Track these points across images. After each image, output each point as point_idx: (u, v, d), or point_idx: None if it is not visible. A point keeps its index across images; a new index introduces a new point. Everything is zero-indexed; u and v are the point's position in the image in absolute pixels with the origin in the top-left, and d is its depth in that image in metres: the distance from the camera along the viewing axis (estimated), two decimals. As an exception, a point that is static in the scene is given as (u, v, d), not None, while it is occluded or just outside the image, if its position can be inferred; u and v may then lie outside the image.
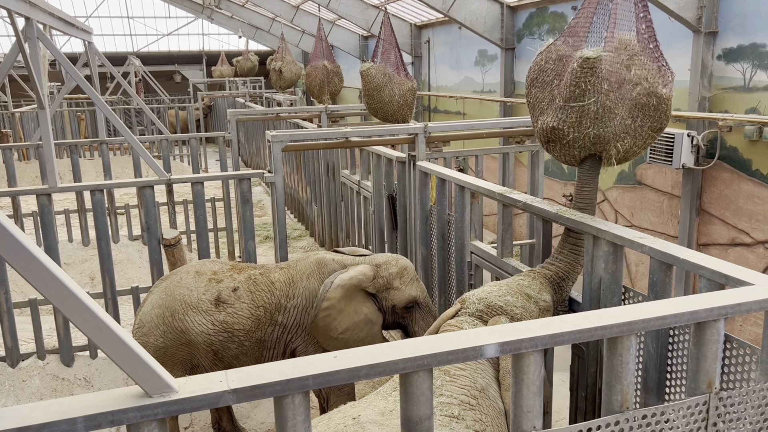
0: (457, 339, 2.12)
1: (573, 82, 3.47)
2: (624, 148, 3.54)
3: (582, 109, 3.47)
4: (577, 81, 3.44)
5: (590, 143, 3.55)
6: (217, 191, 13.57)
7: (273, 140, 5.80)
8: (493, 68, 12.71)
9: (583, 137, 3.53)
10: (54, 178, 5.83)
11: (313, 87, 11.80)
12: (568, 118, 3.54)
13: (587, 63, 3.38)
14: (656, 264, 3.21)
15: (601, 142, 3.53)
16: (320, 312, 4.67)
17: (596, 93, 3.42)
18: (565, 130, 3.58)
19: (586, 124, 3.49)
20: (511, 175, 7.64)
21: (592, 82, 3.40)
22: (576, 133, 3.54)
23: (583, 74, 3.41)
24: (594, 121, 3.47)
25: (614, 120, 3.48)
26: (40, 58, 5.58)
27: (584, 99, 3.44)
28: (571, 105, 3.51)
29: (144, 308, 4.94)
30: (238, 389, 1.85)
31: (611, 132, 3.49)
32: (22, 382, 5.94)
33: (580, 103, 3.46)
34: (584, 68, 3.39)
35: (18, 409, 1.73)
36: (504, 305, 3.46)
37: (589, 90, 3.42)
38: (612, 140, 3.50)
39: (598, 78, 3.39)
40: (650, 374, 3.28)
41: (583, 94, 3.44)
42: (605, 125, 3.48)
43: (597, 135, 3.50)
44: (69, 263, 9.47)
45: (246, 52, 23.47)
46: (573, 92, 3.48)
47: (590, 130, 3.49)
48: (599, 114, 3.46)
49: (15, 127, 18.35)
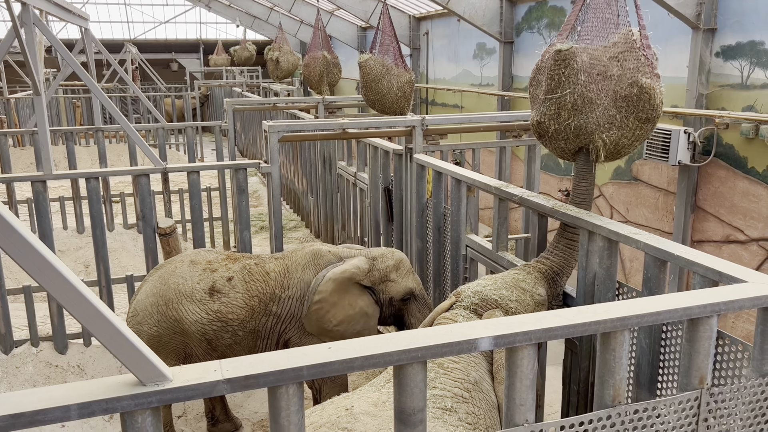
0: (451, 332, 2.13)
1: (549, 75, 3.57)
2: (611, 140, 3.57)
3: (559, 101, 3.55)
4: (552, 73, 3.54)
5: (573, 135, 3.60)
6: (212, 181, 13.53)
7: (270, 130, 5.78)
8: (492, 62, 12.69)
9: (564, 129, 3.60)
10: (49, 165, 5.80)
11: (312, 77, 11.75)
12: (548, 110, 3.63)
13: (559, 55, 3.47)
14: (651, 260, 3.22)
15: (584, 133, 3.57)
16: (312, 305, 4.68)
17: (571, 84, 3.50)
18: (547, 122, 3.67)
19: (564, 115, 3.56)
20: (507, 169, 7.64)
21: (566, 74, 3.49)
22: (556, 125, 3.62)
23: (557, 67, 3.51)
24: (573, 112, 3.54)
25: (596, 111, 3.52)
26: (36, 44, 5.54)
27: (559, 91, 3.53)
28: (548, 97, 3.61)
29: (138, 297, 4.93)
30: (232, 379, 1.85)
31: (593, 123, 3.53)
32: (15, 368, 5.94)
33: (556, 95, 3.55)
34: (557, 61, 3.49)
35: (11, 396, 1.73)
36: (499, 299, 3.48)
37: (563, 82, 3.51)
38: (596, 131, 3.54)
39: (572, 70, 3.47)
40: (642, 369, 3.30)
41: (558, 86, 3.53)
42: (586, 116, 3.53)
43: (578, 126, 3.56)
44: (63, 251, 9.45)
45: (243, 42, 23.35)
46: (550, 85, 3.58)
47: (570, 121, 3.56)
48: (578, 105, 3.52)
49: (10, 113, 18.24)
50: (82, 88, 23.65)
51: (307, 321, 4.73)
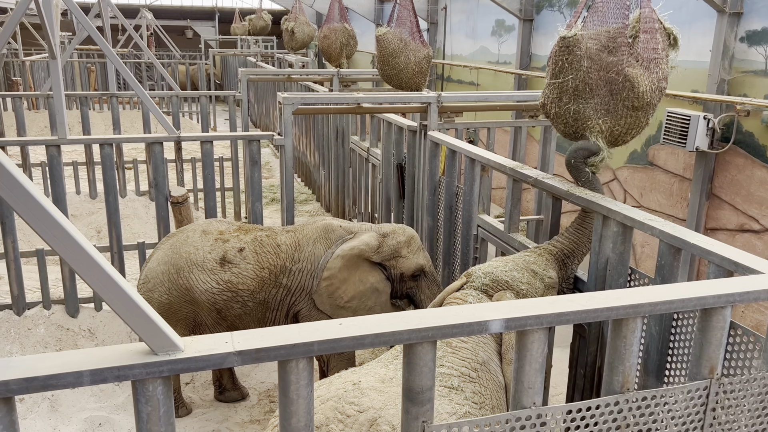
0: (462, 313, 2.12)
1: (553, 60, 3.68)
2: (606, 126, 3.64)
3: (561, 86, 3.67)
4: (556, 59, 3.65)
5: (572, 119, 3.71)
6: (225, 151, 13.53)
7: (284, 102, 5.74)
8: (510, 39, 12.50)
9: (564, 113, 3.71)
10: (64, 130, 5.81)
11: (332, 49, 11.59)
12: (551, 94, 3.76)
13: (564, 42, 3.58)
14: (665, 247, 3.19)
15: (581, 118, 3.67)
16: (322, 281, 4.70)
17: (574, 71, 3.60)
18: (549, 105, 3.80)
19: (565, 100, 3.68)
20: (522, 150, 7.56)
21: (569, 60, 3.60)
22: (557, 109, 3.74)
23: (561, 52, 3.62)
24: (573, 97, 3.65)
25: (595, 98, 3.62)
26: (52, 7, 5.50)
27: (561, 76, 3.64)
28: (552, 82, 3.73)
29: (150, 264, 4.97)
30: (243, 351, 1.86)
31: (591, 109, 3.63)
32: (27, 330, 6.03)
33: (558, 80, 3.67)
34: (561, 47, 3.60)
35: (26, 360, 1.75)
36: (510, 280, 3.47)
37: (566, 67, 3.62)
38: (593, 117, 3.63)
39: (575, 56, 3.57)
40: (651, 356, 3.29)
41: (561, 71, 3.64)
42: (585, 102, 3.63)
43: (576, 111, 3.66)
44: (76, 215, 9.52)
45: (259, 11, 23.12)
46: (554, 70, 3.69)
47: (570, 105, 3.67)
48: (579, 90, 3.63)
49: (25, 76, 18.26)
50: (97, 53, 23.60)
51: (318, 298, 4.76)
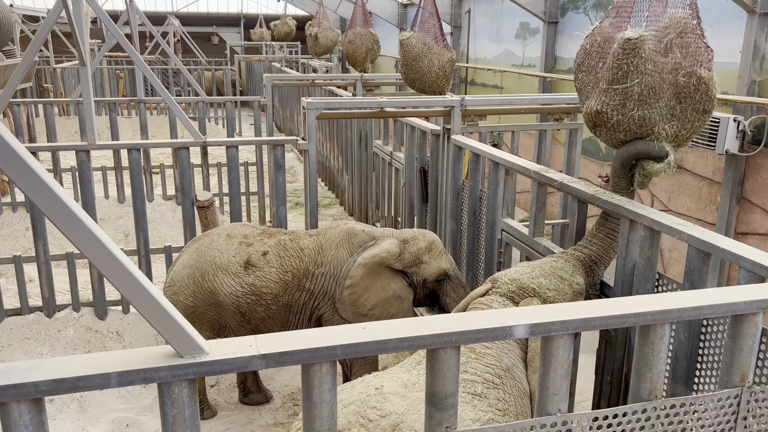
0: (486, 318, 2.11)
1: (615, 64, 3.41)
2: (672, 131, 3.46)
3: (626, 91, 3.41)
4: (619, 63, 3.38)
5: (635, 126, 3.48)
6: (250, 155, 13.66)
7: (308, 107, 5.78)
8: (535, 42, 12.41)
9: (627, 120, 3.47)
10: (93, 135, 5.92)
11: (357, 54, 11.61)
12: (612, 100, 3.48)
13: (629, 44, 3.32)
14: (694, 252, 3.13)
15: (646, 124, 3.45)
16: (344, 290, 4.72)
17: (639, 74, 3.36)
18: (609, 113, 3.52)
19: (630, 106, 3.43)
20: (547, 153, 7.49)
21: (635, 63, 3.34)
22: (620, 116, 3.48)
23: (625, 56, 3.35)
24: (638, 103, 3.41)
25: (660, 102, 3.40)
26: (82, 15, 5.62)
27: (627, 81, 3.38)
28: (614, 87, 3.45)
29: (175, 267, 5.03)
30: (267, 355, 1.87)
31: (657, 114, 3.42)
32: (57, 332, 6.14)
33: (623, 85, 3.40)
34: (626, 49, 3.34)
35: (55, 361, 1.78)
36: (537, 287, 3.43)
37: (632, 71, 3.37)
38: (659, 122, 3.43)
39: (641, 59, 3.33)
40: (680, 363, 3.23)
41: (626, 76, 3.38)
42: (650, 107, 3.41)
43: (642, 117, 3.43)
44: (104, 219, 9.69)
45: (284, 16, 23.32)
46: (616, 74, 3.42)
47: (635, 112, 3.43)
48: (644, 95, 3.40)
49: (56, 83, 18.67)
50: (125, 60, 24.01)
51: (341, 306, 4.77)
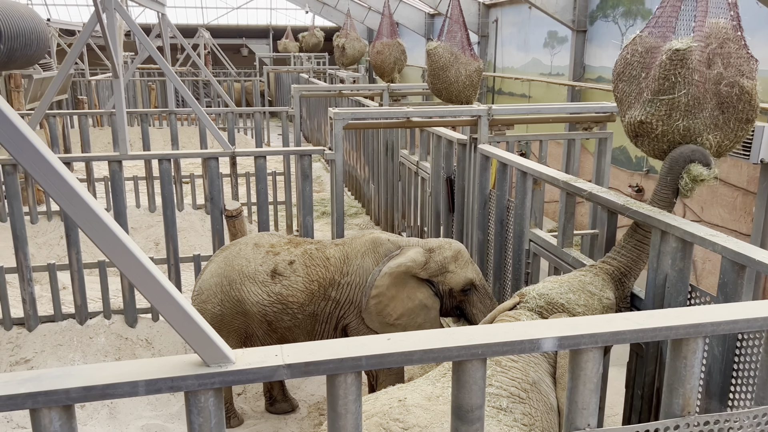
0: (513, 330, 2.08)
1: (662, 75, 3.41)
2: (715, 141, 3.44)
3: (672, 102, 3.43)
4: (666, 73, 3.39)
5: (679, 136, 3.49)
6: (278, 165, 13.79)
7: (335, 118, 5.81)
8: (563, 51, 12.32)
9: (672, 131, 3.48)
10: (125, 146, 6.04)
11: (386, 65, 11.66)
12: (657, 111, 3.49)
13: (677, 55, 3.33)
14: (728, 264, 3.05)
15: (690, 134, 3.46)
16: (370, 300, 4.71)
17: (687, 85, 3.37)
18: (654, 123, 3.53)
19: (675, 116, 3.45)
20: (576, 163, 7.40)
21: (683, 74, 3.35)
22: (665, 127, 3.49)
23: (672, 66, 3.36)
24: (684, 113, 3.43)
25: (704, 112, 3.41)
26: (116, 29, 5.76)
27: (674, 92, 3.40)
28: (661, 98, 3.46)
29: (203, 276, 5.08)
30: (293, 365, 1.87)
31: (702, 124, 3.42)
32: (89, 339, 6.25)
33: (669, 96, 3.42)
34: (674, 60, 3.35)
35: (85, 369, 1.81)
36: (566, 303, 3.38)
37: (679, 82, 3.38)
38: (703, 132, 3.43)
39: (688, 69, 3.34)
40: (714, 378, 3.14)
41: (673, 87, 3.40)
42: (695, 117, 3.42)
43: (687, 128, 3.45)
44: (136, 228, 9.85)
45: (312, 28, 23.58)
46: (662, 85, 3.42)
47: (680, 122, 3.44)
48: (690, 106, 3.41)
49: (91, 95, 19.13)
50: (157, 72, 24.51)
51: (367, 316, 4.76)
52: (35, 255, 8.82)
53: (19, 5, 5.41)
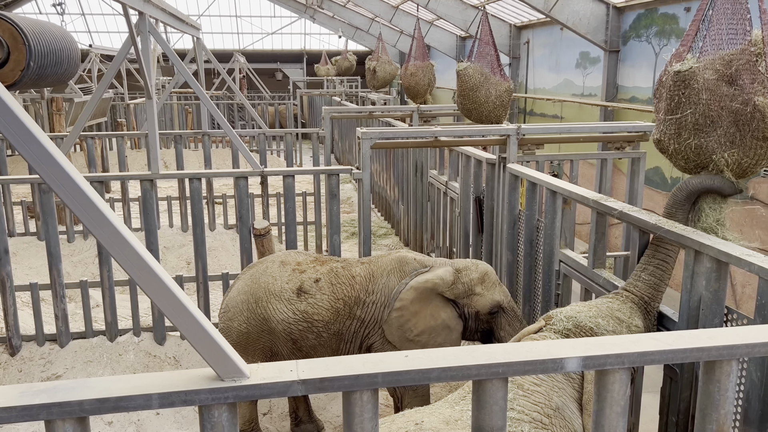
0: (536, 349, 2.01)
1: (668, 95, 3.55)
2: (733, 159, 3.43)
3: (679, 121, 3.53)
4: (671, 94, 3.53)
5: (693, 154, 3.55)
6: (309, 186, 13.91)
7: (363, 137, 5.83)
8: (595, 71, 12.21)
9: (684, 148, 3.56)
10: (157, 166, 6.15)
11: (419, 86, 11.71)
12: (668, 130, 3.62)
13: (678, 76, 3.46)
14: (765, 285, 2.93)
15: (704, 152, 3.51)
16: (393, 311, 4.65)
17: (692, 104, 3.47)
18: (666, 141, 3.66)
19: (685, 135, 3.53)
20: (608, 183, 7.26)
21: (686, 94, 3.47)
22: (677, 145, 3.59)
23: (676, 87, 3.49)
24: (694, 132, 3.50)
25: (717, 130, 3.44)
26: (150, 52, 5.90)
27: (679, 111, 3.51)
28: (669, 117, 3.59)
29: (230, 293, 5.10)
30: (307, 380, 1.84)
31: (714, 142, 3.45)
32: (118, 356, 6.32)
33: (676, 115, 3.54)
34: (676, 81, 3.48)
35: (100, 381, 1.80)
36: (594, 327, 3.29)
37: (683, 102, 3.49)
38: (717, 150, 3.45)
39: (692, 90, 3.44)
40: (752, 405, 2.99)
41: (678, 107, 3.52)
42: (707, 135, 3.46)
43: (698, 146, 3.50)
44: (168, 247, 10.00)
45: (345, 52, 23.92)
46: (669, 105, 3.56)
47: (691, 140, 3.51)
48: (699, 125, 3.48)
49: (129, 118, 19.66)
50: (193, 96, 25.09)
51: (388, 328, 4.70)
52: (71, 273, 9.01)
53: (51, 25, 5.60)
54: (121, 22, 28.92)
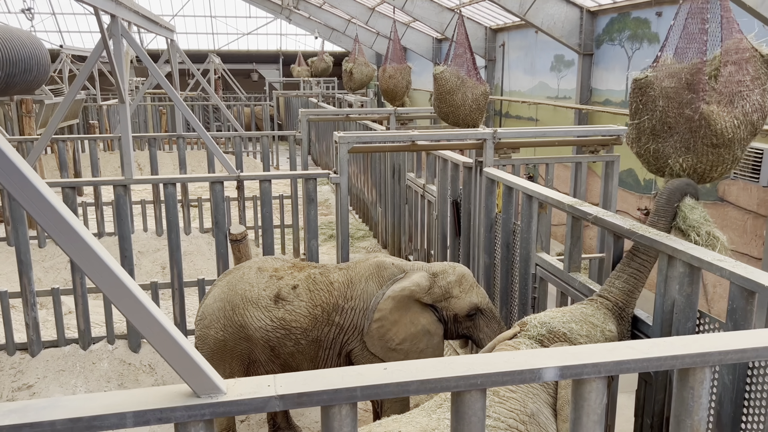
0: (513, 359, 2.02)
1: (630, 101, 3.75)
2: (688, 164, 3.59)
3: (638, 126, 3.73)
4: (631, 100, 3.73)
5: (652, 158, 3.73)
6: (286, 188, 13.83)
7: (340, 141, 5.81)
8: (570, 74, 12.34)
9: (644, 152, 3.75)
10: (130, 171, 6.06)
11: (398, 89, 11.71)
12: (631, 134, 3.83)
13: (636, 84, 3.64)
14: (737, 290, 2.98)
15: (661, 157, 3.68)
16: (373, 323, 4.65)
17: (649, 111, 3.65)
18: (631, 145, 3.88)
19: (644, 140, 3.72)
20: (583, 185, 7.35)
21: (643, 101, 3.65)
22: (637, 148, 3.79)
23: (634, 94, 3.69)
24: (651, 136, 3.69)
25: (674, 136, 3.60)
26: (123, 55, 5.81)
27: (637, 117, 3.71)
28: (630, 123, 3.80)
29: (207, 301, 5.05)
30: (285, 395, 1.82)
31: (670, 147, 3.62)
32: (92, 364, 6.21)
33: (635, 121, 3.74)
34: (634, 89, 3.67)
35: (72, 400, 1.76)
36: (568, 332, 3.33)
37: (640, 109, 3.68)
38: (672, 155, 3.62)
39: (649, 97, 3.62)
40: (725, 408, 3.05)
41: (636, 113, 3.71)
42: (664, 141, 3.63)
43: (656, 150, 3.68)
44: (143, 252, 9.86)
45: (321, 53, 23.84)
46: (630, 110, 3.77)
47: (649, 145, 3.70)
48: (657, 130, 3.66)
49: (102, 120, 19.34)
50: (167, 97, 24.79)
51: (369, 340, 4.69)
52: (42, 279, 8.83)
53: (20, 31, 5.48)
54: (93, 22, 28.46)
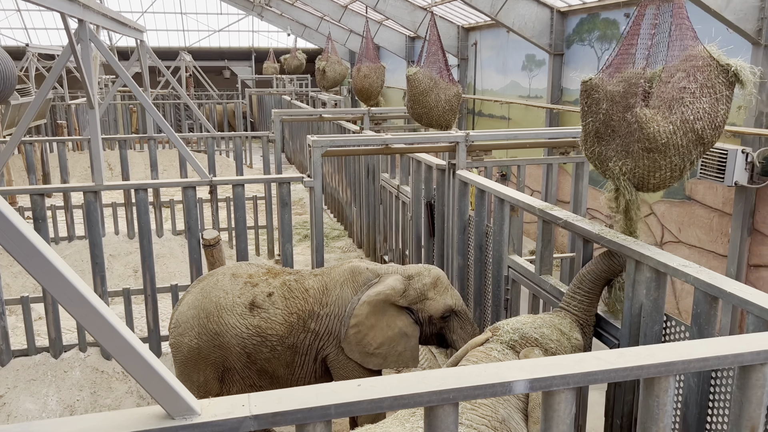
0: (485, 373, 2.06)
1: (580, 104, 3.81)
2: (626, 168, 3.60)
3: (585, 128, 3.79)
4: (580, 103, 3.79)
5: (597, 161, 3.77)
6: (259, 188, 13.73)
7: (313, 145, 5.81)
8: (541, 73, 12.48)
9: (590, 154, 3.81)
10: (100, 176, 5.97)
11: (373, 88, 11.69)
12: (581, 136, 3.89)
13: (582, 86, 3.71)
14: (701, 295, 3.07)
15: (602, 160, 3.73)
16: (350, 329, 4.67)
17: (592, 114, 3.70)
18: (580, 146, 3.93)
19: (589, 142, 3.77)
20: (554, 185, 7.47)
21: (588, 103, 3.71)
22: (585, 151, 3.85)
23: (581, 96, 3.75)
24: (595, 139, 3.73)
25: (616, 139, 3.64)
26: (91, 59, 5.72)
27: (583, 119, 3.77)
28: (581, 125, 3.88)
29: (180, 308, 5.01)
30: (260, 415, 1.83)
31: (612, 150, 3.66)
32: (63, 373, 6.12)
33: (582, 123, 3.80)
34: (582, 91, 3.73)
35: (45, 424, 1.76)
36: (539, 337, 3.40)
37: (585, 111, 3.74)
38: (613, 158, 3.65)
39: (593, 100, 3.67)
40: (690, 410, 3.14)
41: (583, 115, 3.77)
42: (606, 144, 3.67)
43: (600, 152, 3.73)
44: (114, 255, 9.73)
45: (294, 50, 23.68)
46: (580, 113, 3.83)
47: (594, 147, 3.74)
48: (600, 133, 3.70)
49: (70, 119, 18.97)
50: (138, 95, 24.38)
51: (347, 346, 4.71)
52: (11, 284, 8.66)
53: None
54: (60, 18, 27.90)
